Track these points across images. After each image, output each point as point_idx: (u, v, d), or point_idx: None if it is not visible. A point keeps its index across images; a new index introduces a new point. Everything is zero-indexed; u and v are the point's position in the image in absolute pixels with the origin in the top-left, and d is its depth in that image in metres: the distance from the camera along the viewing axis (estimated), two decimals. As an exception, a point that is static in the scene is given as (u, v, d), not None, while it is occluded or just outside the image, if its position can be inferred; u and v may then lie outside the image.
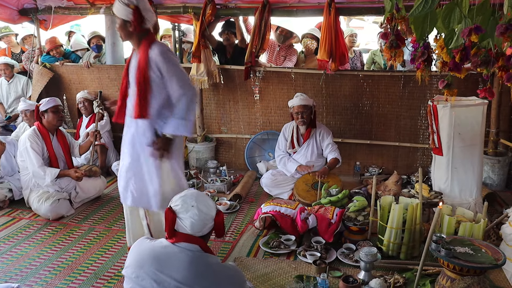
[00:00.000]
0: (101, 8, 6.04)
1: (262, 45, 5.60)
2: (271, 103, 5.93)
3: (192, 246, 2.26)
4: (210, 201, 2.39)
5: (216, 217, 2.37)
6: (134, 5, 3.11)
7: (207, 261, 2.26)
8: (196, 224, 2.28)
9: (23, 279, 3.58)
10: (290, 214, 3.98)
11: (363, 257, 3.26)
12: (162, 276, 2.18)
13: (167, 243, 2.28)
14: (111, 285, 3.44)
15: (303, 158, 5.12)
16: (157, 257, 2.23)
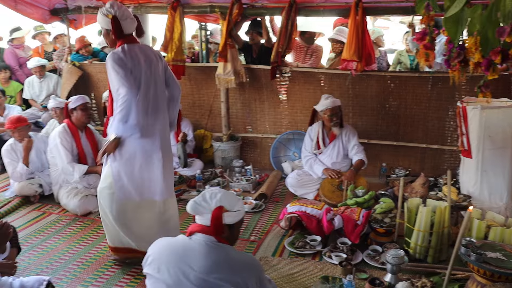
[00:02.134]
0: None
1: (288, 45, 5.60)
2: (297, 103, 5.91)
3: (207, 237, 2.28)
4: (222, 197, 2.37)
5: (214, 210, 2.33)
6: (112, 15, 3.32)
7: (224, 251, 2.27)
8: (191, 205, 2.36)
9: (53, 272, 3.66)
10: (316, 214, 3.97)
11: (390, 259, 3.23)
12: (182, 268, 2.21)
13: (184, 237, 2.33)
14: (138, 281, 3.49)
15: (328, 159, 5.10)
16: (175, 251, 2.26)
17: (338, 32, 6.12)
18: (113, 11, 3.33)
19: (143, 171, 3.53)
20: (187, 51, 6.07)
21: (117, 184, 3.51)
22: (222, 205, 2.32)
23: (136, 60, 3.40)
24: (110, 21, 3.33)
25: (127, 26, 3.40)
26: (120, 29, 3.36)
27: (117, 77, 3.31)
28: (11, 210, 4.85)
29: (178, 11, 5.69)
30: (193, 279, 2.18)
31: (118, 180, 3.50)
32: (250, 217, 4.65)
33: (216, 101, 6.19)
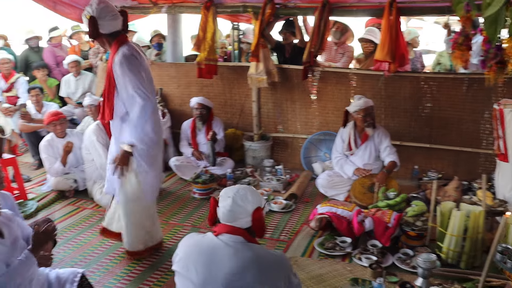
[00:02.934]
0: (163, 7, 6.19)
1: (321, 45, 5.57)
2: (329, 104, 5.88)
3: (235, 237, 2.25)
4: (250, 196, 2.31)
5: (253, 212, 2.29)
6: (90, 15, 3.27)
7: (251, 250, 2.24)
8: (226, 215, 2.26)
9: (87, 265, 3.76)
10: (346, 216, 3.95)
11: (422, 263, 3.18)
12: (210, 268, 2.20)
13: (212, 236, 2.29)
14: (168, 277, 3.54)
15: (360, 160, 5.06)
16: (203, 251, 2.25)
17: (369, 32, 6.06)
18: (91, 10, 3.27)
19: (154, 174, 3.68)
20: (219, 50, 6.12)
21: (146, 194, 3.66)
22: (258, 205, 2.30)
23: (144, 61, 3.41)
24: (87, 20, 3.28)
25: (106, 25, 3.31)
26: (96, 29, 3.28)
27: (135, 80, 3.28)
28: (48, 204, 5.01)
29: (211, 11, 5.74)
30: (220, 279, 2.17)
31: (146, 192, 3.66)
32: (280, 217, 4.66)
33: (247, 101, 6.22)
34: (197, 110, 5.90)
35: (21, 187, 5.11)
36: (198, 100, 5.90)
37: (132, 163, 3.53)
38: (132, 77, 3.28)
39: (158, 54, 7.06)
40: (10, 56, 7.02)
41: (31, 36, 7.57)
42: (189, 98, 6.23)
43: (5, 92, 6.78)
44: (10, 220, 2.79)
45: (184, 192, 5.42)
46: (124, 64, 3.26)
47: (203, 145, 6.01)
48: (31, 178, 5.87)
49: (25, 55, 7.60)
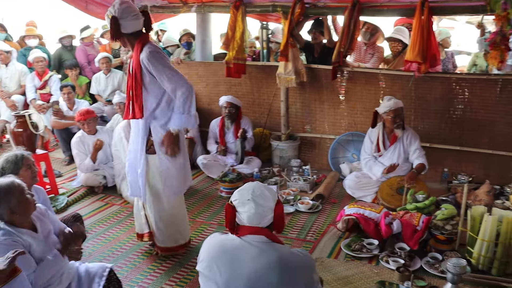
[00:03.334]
0: (192, 6, 6.24)
1: (350, 45, 5.53)
2: (357, 104, 5.83)
3: (258, 237, 2.23)
4: (267, 192, 2.30)
5: (276, 207, 2.28)
6: (112, 15, 3.33)
7: (275, 250, 2.21)
8: (252, 217, 2.23)
9: (115, 260, 3.83)
10: (374, 217, 3.91)
11: (451, 268, 3.11)
12: (233, 269, 2.19)
13: (235, 237, 2.27)
14: (194, 275, 3.57)
15: (388, 161, 4.98)
16: (226, 251, 2.23)
17: (397, 31, 5.97)
18: (113, 10, 3.33)
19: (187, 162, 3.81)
20: (248, 49, 6.13)
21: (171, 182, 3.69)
22: (276, 199, 2.29)
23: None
24: (109, 20, 3.34)
25: (128, 25, 3.36)
26: (117, 29, 3.35)
27: (170, 72, 3.35)
28: (78, 199, 5.12)
29: (240, 10, 5.75)
30: (244, 279, 2.16)
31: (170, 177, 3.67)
32: (306, 217, 4.64)
33: (276, 100, 6.21)
34: (226, 108, 5.93)
35: (53, 182, 5.23)
36: (227, 99, 5.93)
37: (155, 160, 3.58)
38: (167, 70, 3.35)
39: (187, 53, 7.12)
40: (45, 54, 7.20)
41: (65, 35, 7.74)
42: (217, 97, 6.27)
43: (39, 90, 6.95)
44: (43, 215, 2.87)
45: (211, 190, 5.46)
46: (155, 59, 3.33)
47: (231, 144, 6.04)
48: (62, 173, 6.02)
49: (59, 53, 7.77)
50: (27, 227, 2.68)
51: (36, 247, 2.65)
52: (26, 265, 2.51)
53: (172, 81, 3.35)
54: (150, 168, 3.62)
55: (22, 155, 3.27)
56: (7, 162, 3.21)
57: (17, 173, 3.20)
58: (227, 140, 6.07)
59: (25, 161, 3.27)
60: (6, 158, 3.22)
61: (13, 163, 3.19)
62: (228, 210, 2.29)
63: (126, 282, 3.46)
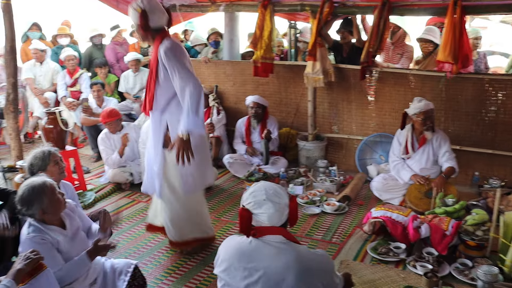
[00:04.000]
0: (220, 5, 6.25)
1: (379, 45, 5.44)
2: (386, 105, 5.74)
3: (276, 237, 2.22)
4: (279, 190, 2.30)
5: (290, 203, 2.28)
6: (141, 8, 3.31)
7: (294, 250, 2.20)
8: (273, 216, 2.22)
9: (140, 257, 3.86)
10: (401, 221, 3.83)
11: (482, 276, 3.03)
12: (251, 271, 2.18)
13: (252, 239, 2.25)
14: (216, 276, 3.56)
15: (417, 164, 4.88)
16: (243, 253, 2.22)
17: (428, 31, 5.83)
18: (142, 5, 3.32)
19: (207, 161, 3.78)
20: (276, 49, 6.10)
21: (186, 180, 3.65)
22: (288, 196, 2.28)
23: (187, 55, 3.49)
24: (138, 14, 3.32)
25: (156, 19, 3.37)
26: (147, 22, 3.34)
27: (184, 69, 3.29)
28: (105, 196, 5.19)
29: (268, 9, 5.72)
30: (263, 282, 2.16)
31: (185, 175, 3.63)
32: (332, 219, 4.59)
33: (303, 100, 6.17)
34: (253, 109, 5.92)
35: (81, 178, 5.31)
36: (254, 99, 5.91)
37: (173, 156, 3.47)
38: (179, 67, 3.30)
39: (215, 52, 7.13)
40: (76, 53, 7.32)
41: (95, 34, 7.86)
42: (244, 96, 6.26)
43: (69, 87, 7.08)
44: (73, 211, 2.92)
45: (237, 189, 5.45)
46: (171, 54, 3.30)
47: (257, 144, 6.03)
48: (90, 169, 6.12)
49: (89, 52, 7.90)
50: (56, 224, 2.73)
51: (64, 244, 2.69)
52: (53, 262, 2.55)
53: (182, 78, 3.29)
54: (168, 163, 3.59)
55: (49, 151, 3.32)
56: (35, 158, 3.27)
57: (45, 169, 3.26)
58: (253, 139, 6.06)
59: (52, 157, 3.32)
60: (34, 155, 3.28)
61: (41, 159, 3.25)
62: (244, 214, 2.25)
63: (150, 279, 3.48)
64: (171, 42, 3.37)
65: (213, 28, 7.34)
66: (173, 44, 3.36)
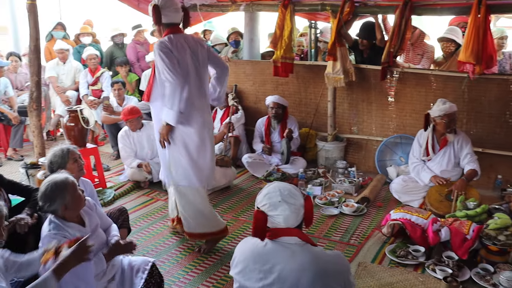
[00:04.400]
0: (241, 5, 6.25)
1: (401, 46, 5.38)
2: (407, 106, 5.66)
3: (291, 239, 2.19)
4: (294, 190, 2.28)
5: (305, 202, 2.25)
6: (154, 3, 3.54)
7: (309, 252, 2.17)
8: (289, 217, 2.19)
9: (158, 255, 3.88)
10: (421, 223, 3.77)
11: (504, 282, 2.97)
12: (266, 273, 2.16)
13: (267, 240, 2.23)
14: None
15: (437, 166, 4.81)
16: (258, 255, 2.20)
17: (450, 31, 5.73)
18: (157, 0, 3.55)
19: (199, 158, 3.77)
20: (296, 49, 6.08)
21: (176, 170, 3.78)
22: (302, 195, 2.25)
23: (182, 50, 3.56)
24: (151, 8, 3.54)
25: (168, 15, 3.56)
26: (159, 17, 3.54)
27: (163, 65, 3.45)
28: (124, 193, 5.24)
29: (289, 9, 5.70)
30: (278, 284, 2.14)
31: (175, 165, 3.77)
32: (351, 220, 4.56)
33: (323, 100, 6.13)
34: (273, 109, 5.91)
35: (101, 175, 5.38)
36: (274, 99, 5.90)
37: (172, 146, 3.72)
38: (160, 62, 3.47)
39: (235, 52, 7.14)
40: (97, 52, 7.42)
41: (116, 33, 7.95)
42: (264, 95, 6.26)
43: (91, 86, 7.17)
44: (91, 209, 2.94)
45: (255, 189, 5.45)
46: (156, 50, 3.50)
47: (276, 144, 6.02)
48: (110, 167, 6.18)
49: (110, 51, 7.99)
50: (76, 221, 2.76)
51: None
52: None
53: (160, 74, 3.52)
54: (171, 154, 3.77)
55: (68, 149, 3.36)
56: (55, 156, 3.31)
57: (64, 167, 3.29)
58: (273, 139, 6.05)
59: (71, 155, 3.36)
60: (53, 153, 3.32)
61: (60, 157, 3.29)
62: (259, 217, 2.23)
63: (167, 277, 3.49)
64: (162, 40, 3.56)
65: (233, 27, 7.35)
66: (162, 42, 3.52)
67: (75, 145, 4.92)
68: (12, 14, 9.11)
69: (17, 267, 2.44)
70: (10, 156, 6.64)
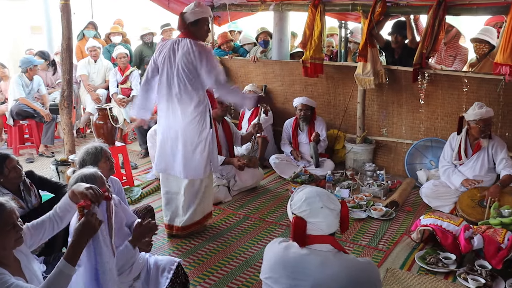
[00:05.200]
0: (270, 5, 6.22)
1: (433, 47, 5.25)
2: (438, 109, 5.53)
3: (324, 246, 2.14)
4: (331, 195, 2.23)
5: (342, 208, 2.19)
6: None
7: (341, 260, 2.12)
8: (332, 224, 2.14)
9: (183, 255, 3.88)
10: (452, 230, 3.66)
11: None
12: (296, 280, 2.12)
13: (297, 246, 2.16)
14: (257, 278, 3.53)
15: (470, 171, 4.68)
16: (288, 261, 2.15)
17: (484, 31, 5.53)
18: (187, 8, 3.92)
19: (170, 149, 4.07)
20: (325, 49, 6.01)
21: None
22: (337, 201, 2.20)
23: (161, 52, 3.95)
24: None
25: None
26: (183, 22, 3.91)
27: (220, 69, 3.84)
28: (151, 192, 5.27)
29: (319, 9, 5.64)
30: None
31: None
32: (379, 224, 4.47)
33: (352, 102, 6.04)
34: (301, 111, 5.85)
35: (129, 173, 5.42)
36: (302, 101, 5.85)
37: None
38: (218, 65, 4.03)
39: (264, 52, 7.11)
40: (127, 51, 7.49)
41: (146, 33, 8.02)
42: (292, 96, 6.21)
43: (120, 84, 7.24)
44: (117, 206, 2.95)
45: (282, 190, 5.41)
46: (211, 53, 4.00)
47: (304, 145, 5.96)
48: (138, 165, 6.23)
49: (139, 50, 8.07)
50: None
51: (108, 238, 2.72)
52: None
53: (220, 75, 3.99)
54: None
55: (101, 148, 3.38)
56: (88, 154, 3.32)
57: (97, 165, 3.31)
58: (300, 141, 5.99)
59: (104, 153, 3.37)
60: (87, 150, 3.34)
61: (94, 155, 3.30)
62: (299, 223, 2.14)
63: (193, 278, 3.49)
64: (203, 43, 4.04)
65: (262, 27, 7.31)
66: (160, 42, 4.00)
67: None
68: (46, 14, 9.30)
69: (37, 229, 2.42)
70: (41, 153, 6.77)
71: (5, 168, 3.25)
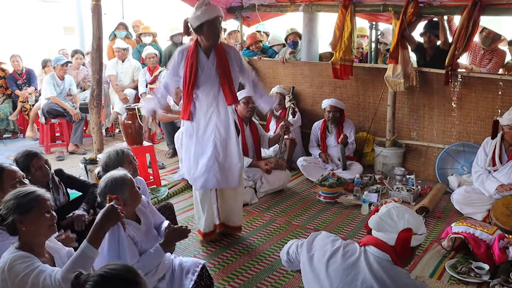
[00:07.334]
0: (300, 5, 6.16)
1: (465, 47, 5.09)
2: (471, 112, 5.37)
3: (382, 254, 2.12)
4: (408, 215, 2.20)
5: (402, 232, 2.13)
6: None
7: (396, 274, 2.08)
8: (376, 221, 2.19)
9: (208, 257, 3.85)
10: (486, 239, 3.53)
11: None
12: (346, 279, 2.11)
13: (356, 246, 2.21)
14: (286, 280, 3.49)
15: (505, 178, 4.50)
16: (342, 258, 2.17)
17: None
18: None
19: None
20: (355, 51, 5.92)
21: None
22: (410, 227, 2.13)
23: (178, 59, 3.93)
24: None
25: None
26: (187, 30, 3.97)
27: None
28: (178, 192, 5.28)
29: (349, 9, 5.55)
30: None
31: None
32: (408, 230, 4.35)
33: (382, 104, 5.92)
34: (330, 113, 5.78)
35: (156, 173, 5.44)
36: (331, 103, 5.77)
37: None
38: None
39: (293, 53, 7.05)
40: (156, 51, 7.56)
41: (176, 33, 8.06)
42: (321, 98, 6.14)
43: (149, 84, 7.30)
44: (145, 207, 2.95)
45: (309, 193, 5.34)
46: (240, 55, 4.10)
47: (332, 148, 5.88)
48: (165, 165, 6.26)
49: (168, 50, 8.12)
50: (132, 219, 2.77)
51: (138, 239, 2.72)
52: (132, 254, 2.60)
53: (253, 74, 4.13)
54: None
55: (122, 152, 3.39)
56: (110, 159, 3.34)
57: (120, 169, 3.32)
58: (328, 143, 5.91)
59: (126, 157, 3.39)
60: (108, 156, 3.36)
61: (116, 160, 3.31)
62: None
63: (217, 280, 3.47)
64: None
65: (292, 28, 7.26)
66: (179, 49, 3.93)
67: (132, 144, 5.06)
68: (78, 15, 9.48)
69: None
70: (72, 151, 6.88)
71: (32, 167, 3.29)
